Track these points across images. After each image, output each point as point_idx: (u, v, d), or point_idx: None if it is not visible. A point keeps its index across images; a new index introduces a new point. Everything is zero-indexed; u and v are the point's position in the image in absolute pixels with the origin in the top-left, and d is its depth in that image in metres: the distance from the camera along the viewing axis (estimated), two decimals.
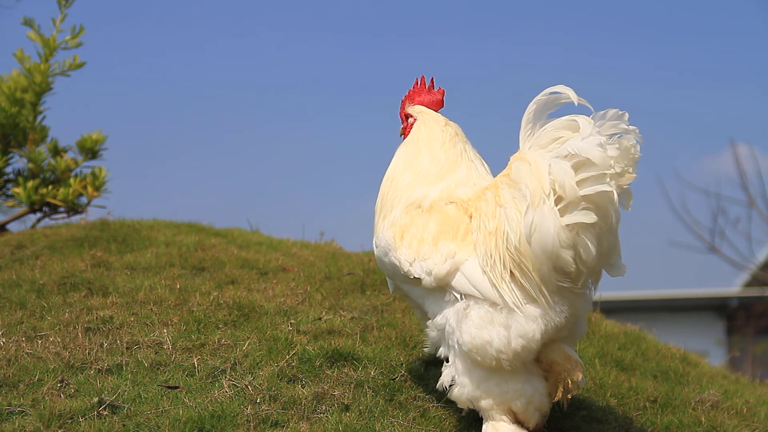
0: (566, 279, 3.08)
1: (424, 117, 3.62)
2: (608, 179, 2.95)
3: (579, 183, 2.95)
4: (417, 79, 3.73)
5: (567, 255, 3.00)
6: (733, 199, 12.56)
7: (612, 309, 13.01)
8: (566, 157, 2.98)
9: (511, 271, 3.09)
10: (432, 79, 3.70)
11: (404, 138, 3.67)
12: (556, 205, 2.98)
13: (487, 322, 3.11)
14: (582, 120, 3.04)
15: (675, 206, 13.32)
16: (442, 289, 3.23)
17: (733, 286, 17.28)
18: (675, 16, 28.54)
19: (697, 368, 5.00)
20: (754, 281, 15.35)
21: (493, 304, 3.11)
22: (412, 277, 3.28)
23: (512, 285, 3.09)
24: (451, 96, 3.69)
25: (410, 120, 3.66)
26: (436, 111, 3.66)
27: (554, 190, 2.99)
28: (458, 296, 3.19)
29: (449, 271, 3.19)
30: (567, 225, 2.98)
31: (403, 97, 3.75)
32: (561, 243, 2.98)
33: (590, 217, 2.97)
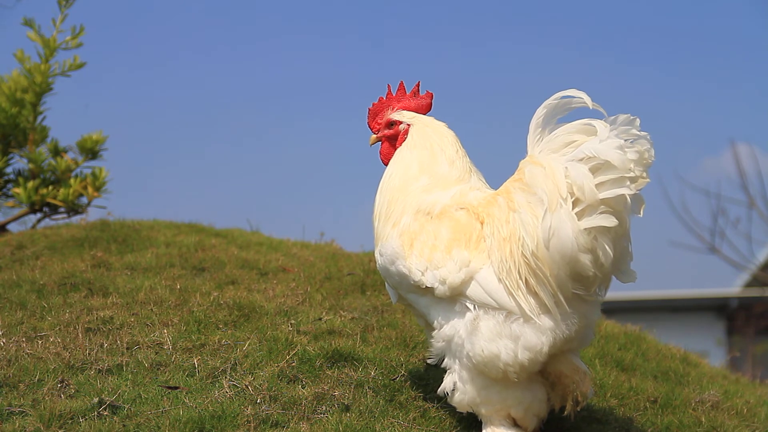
0: (581, 286, 3.06)
1: (424, 121, 3.52)
2: (627, 182, 2.94)
3: (597, 186, 2.93)
4: (390, 85, 3.60)
5: (585, 259, 2.98)
6: (733, 199, 12.55)
7: (612, 309, 13.00)
8: (582, 160, 2.97)
9: (525, 279, 3.06)
10: (418, 84, 3.60)
11: (397, 144, 3.51)
12: (573, 209, 2.97)
13: (495, 335, 3.07)
14: (599, 124, 3.02)
15: (675, 206, 13.31)
16: (453, 299, 3.17)
17: (733, 286, 17.28)
18: (675, 16, 28.55)
19: (698, 369, 5.00)
20: (754, 281, 15.34)
21: (508, 314, 3.07)
22: (423, 286, 3.20)
23: (528, 293, 3.06)
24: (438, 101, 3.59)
25: (400, 126, 3.52)
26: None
27: (571, 193, 2.96)
28: (470, 306, 3.14)
29: (464, 279, 3.13)
30: (585, 229, 2.95)
31: (372, 106, 3.61)
32: (579, 247, 2.95)
33: (610, 221, 2.95)
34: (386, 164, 3.57)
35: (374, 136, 3.60)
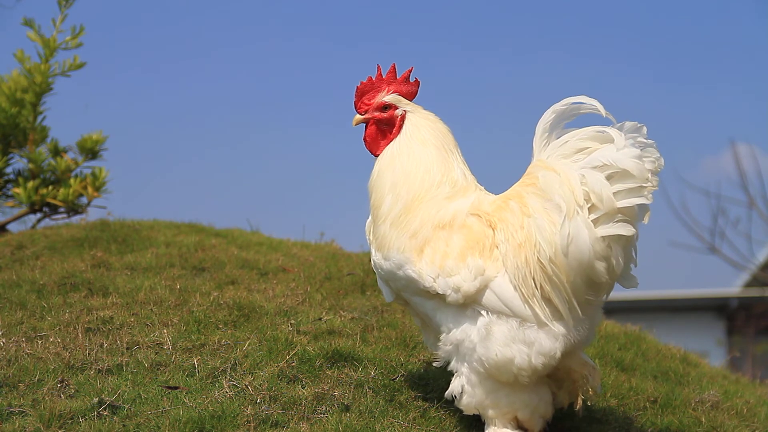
0: (593, 292, 3.08)
1: (423, 112, 3.37)
2: (644, 192, 2.96)
3: (614, 195, 2.95)
4: (379, 66, 3.39)
5: (600, 266, 2.99)
6: (733, 199, 12.56)
7: (612, 309, 13.00)
8: (597, 167, 2.98)
9: (540, 286, 3.05)
10: (411, 69, 3.41)
11: (393, 132, 3.32)
12: (588, 216, 2.97)
13: (510, 340, 3.07)
14: (614, 132, 3.02)
15: (675, 206, 13.30)
16: (465, 305, 3.14)
17: (733, 286, 17.28)
18: (674, 15, 28.55)
19: (698, 368, 5.00)
20: (754, 281, 15.35)
21: (522, 321, 3.07)
22: (434, 293, 3.15)
23: (542, 300, 3.06)
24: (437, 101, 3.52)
25: (396, 112, 3.34)
26: None
27: (587, 200, 2.97)
28: (483, 312, 3.12)
29: (479, 288, 3.09)
30: (601, 236, 2.97)
31: (360, 85, 3.39)
32: (596, 254, 2.97)
33: (628, 229, 2.97)
34: (372, 149, 3.37)
35: (359, 116, 3.37)
